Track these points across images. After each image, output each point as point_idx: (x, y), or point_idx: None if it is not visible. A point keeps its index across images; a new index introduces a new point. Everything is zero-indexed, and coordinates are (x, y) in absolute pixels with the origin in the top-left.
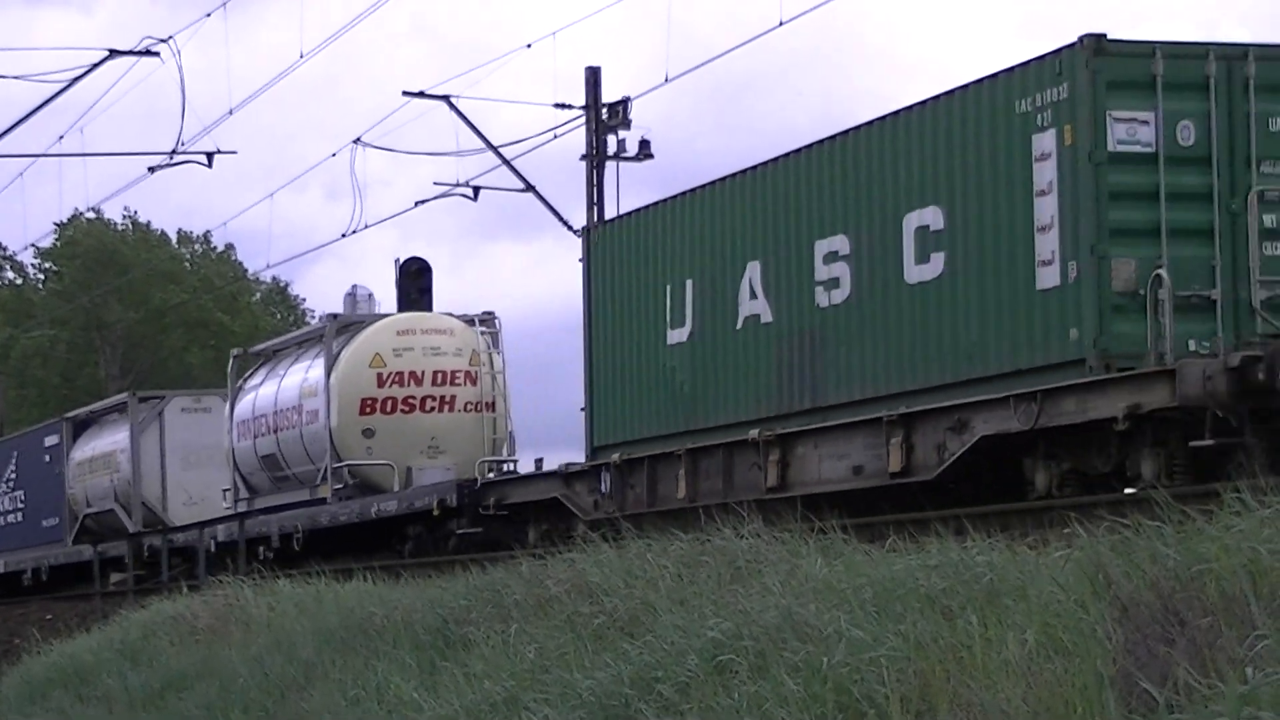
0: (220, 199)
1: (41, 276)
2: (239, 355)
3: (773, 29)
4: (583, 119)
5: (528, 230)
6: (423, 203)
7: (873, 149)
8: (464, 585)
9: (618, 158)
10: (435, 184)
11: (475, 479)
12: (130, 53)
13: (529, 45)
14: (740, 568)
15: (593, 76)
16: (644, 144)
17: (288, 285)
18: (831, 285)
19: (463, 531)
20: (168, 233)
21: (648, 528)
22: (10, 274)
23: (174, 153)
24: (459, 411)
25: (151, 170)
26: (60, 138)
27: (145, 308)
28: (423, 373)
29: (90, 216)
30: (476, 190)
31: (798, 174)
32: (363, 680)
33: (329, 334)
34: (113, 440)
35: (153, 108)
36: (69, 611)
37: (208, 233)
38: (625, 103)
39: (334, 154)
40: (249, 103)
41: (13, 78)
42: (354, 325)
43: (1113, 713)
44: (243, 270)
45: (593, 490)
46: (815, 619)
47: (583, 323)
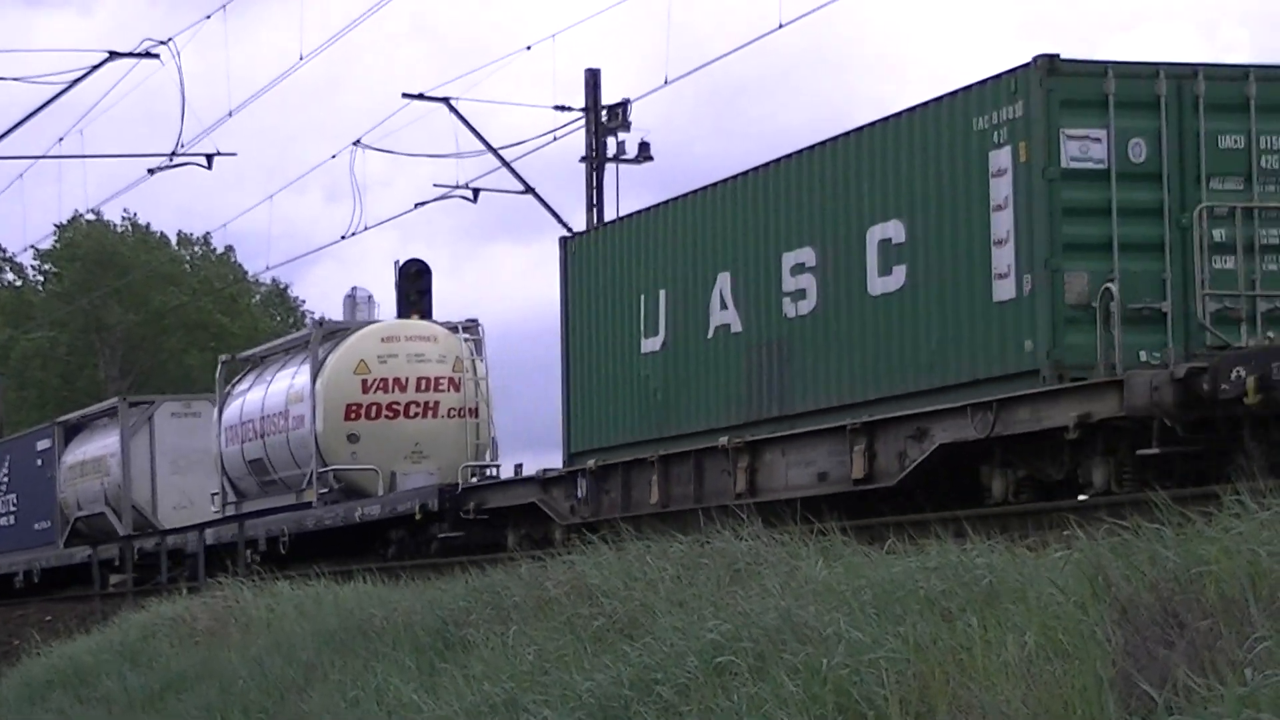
0: (220, 201)
1: (41, 278)
2: (227, 361)
3: (772, 31)
4: (582, 121)
5: (527, 232)
6: (422, 204)
7: (838, 164)
8: (463, 587)
9: (617, 160)
10: (435, 186)
11: (456, 484)
12: (130, 54)
13: (529, 47)
14: (740, 570)
15: (592, 79)
16: (643, 146)
17: (287, 287)
18: (798, 296)
19: (444, 536)
20: (167, 234)
21: (623, 532)
22: (10, 276)
23: (174, 154)
24: (442, 417)
25: (151, 172)
26: (60, 139)
27: (145, 309)
28: (407, 379)
29: (90, 218)
30: (476, 192)
31: (766, 188)
32: (362, 682)
33: (315, 340)
34: (103, 444)
35: (152, 109)
36: (68, 613)
37: (207, 234)
38: (625, 105)
39: (334, 156)
40: (249, 104)
41: (12, 79)
42: (340, 332)
43: (1112, 715)
44: (242, 272)
45: (569, 495)
46: (815, 621)
47: (560, 332)
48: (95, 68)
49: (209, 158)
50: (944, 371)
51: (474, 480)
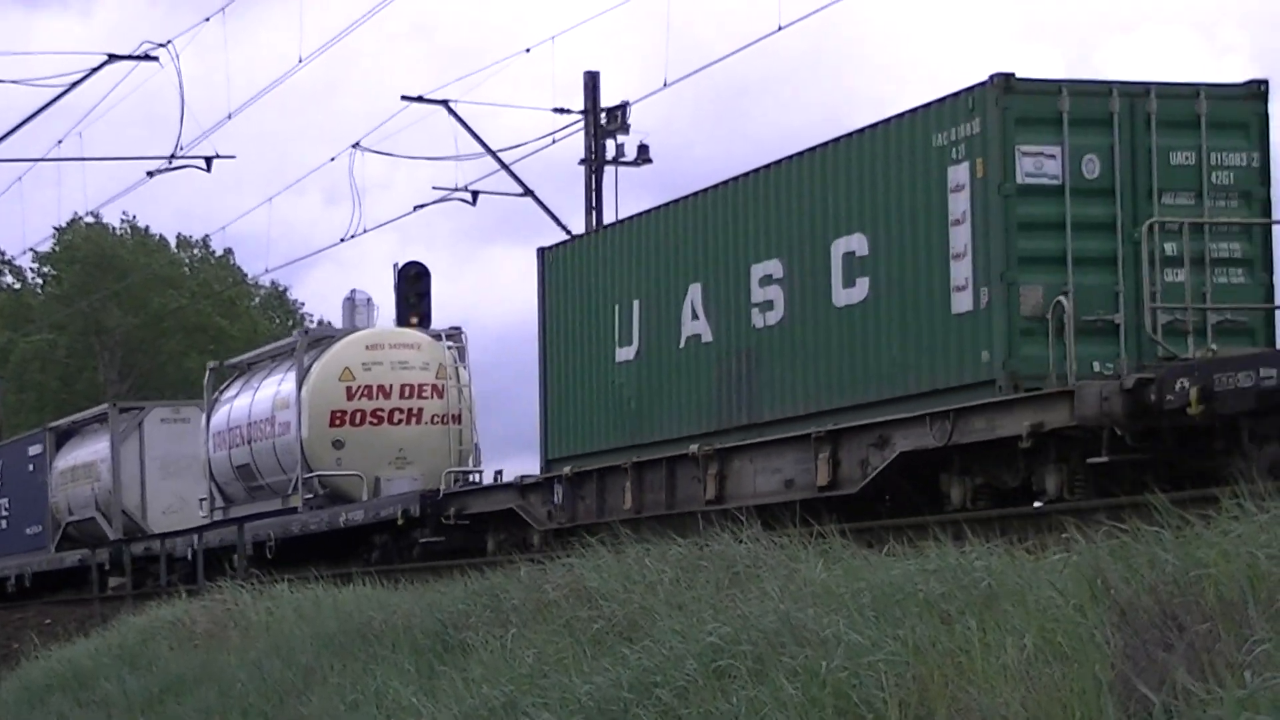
0: (219, 203)
1: (40, 281)
2: (215, 368)
3: (771, 34)
4: (581, 124)
5: (526, 235)
6: (421, 207)
7: (804, 178)
8: (462, 590)
9: (616, 162)
10: (434, 188)
11: (438, 490)
12: (129, 57)
13: (528, 50)
14: (739, 572)
15: (591, 81)
16: (643, 148)
17: (286, 290)
18: (766, 307)
19: (425, 540)
20: (166, 237)
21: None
22: (9, 278)
23: (173, 157)
24: (426, 424)
25: (150, 175)
26: (59, 142)
27: (144, 312)
28: (391, 386)
29: (89, 221)
30: (475, 195)
31: (735, 201)
32: (361, 685)
33: (300, 348)
34: (94, 450)
35: (151, 112)
36: (67, 616)
37: (206, 237)
38: (624, 107)
39: (333, 158)
40: (248, 107)
41: (11, 82)
42: (325, 339)
43: (1111, 717)
44: (241, 275)
45: (546, 501)
46: (814, 623)
47: (538, 341)
48: (94, 70)
49: (208, 160)
50: (905, 381)
51: (455, 486)
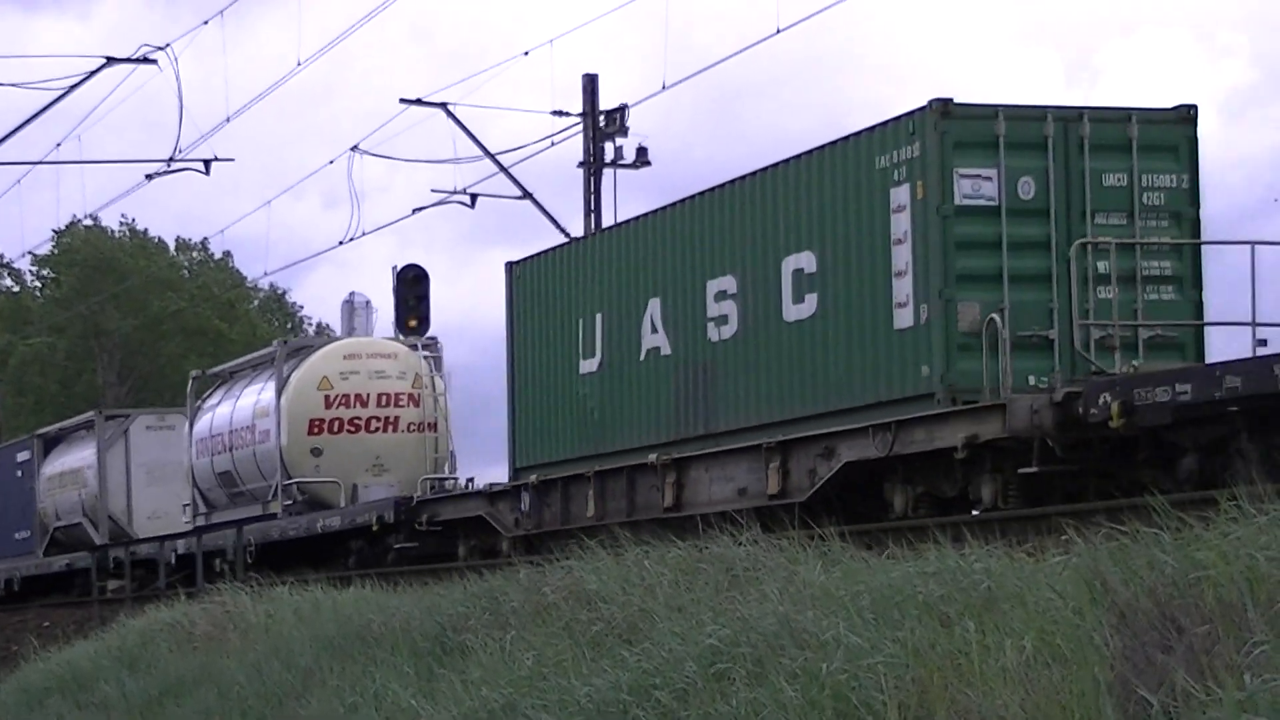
0: (218, 206)
1: (39, 284)
2: (198, 377)
3: (770, 36)
4: (580, 126)
5: (525, 237)
6: (420, 210)
7: (756, 197)
8: (461, 592)
9: (615, 165)
10: (433, 191)
11: (411, 497)
12: (128, 60)
13: (526, 53)
14: (738, 575)
15: (590, 84)
16: (641, 151)
17: (285, 292)
18: (721, 321)
19: (399, 546)
20: (165, 240)
21: (561, 544)
22: (8, 281)
23: (171, 160)
24: (402, 432)
25: (149, 178)
26: (58, 145)
27: (143, 315)
28: (368, 395)
29: (88, 224)
30: (474, 198)
31: (692, 218)
32: (360, 687)
33: (280, 358)
34: (81, 456)
35: (150, 115)
36: (67, 618)
37: (205, 240)
38: (622, 110)
39: (331, 161)
40: (246, 110)
41: (10, 85)
42: (304, 349)
43: (1110, 719)
44: (240, 278)
45: (513, 509)
46: (813, 626)
47: (506, 352)
48: (93, 73)
49: (207, 163)
50: (850, 394)
51: (430, 493)
